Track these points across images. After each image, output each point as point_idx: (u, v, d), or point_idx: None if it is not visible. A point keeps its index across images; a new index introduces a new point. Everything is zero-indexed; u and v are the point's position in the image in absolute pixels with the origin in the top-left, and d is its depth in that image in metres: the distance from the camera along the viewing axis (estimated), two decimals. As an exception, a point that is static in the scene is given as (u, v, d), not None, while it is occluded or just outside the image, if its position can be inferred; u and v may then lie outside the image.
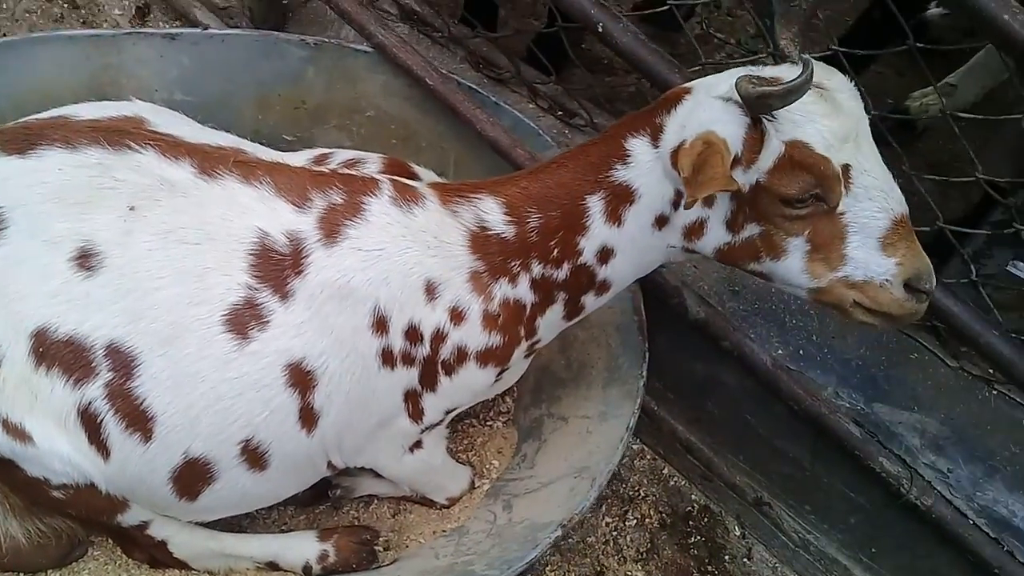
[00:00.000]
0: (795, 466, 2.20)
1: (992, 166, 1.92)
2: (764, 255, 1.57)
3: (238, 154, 1.66)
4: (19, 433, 1.50)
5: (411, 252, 1.62)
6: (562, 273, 1.69)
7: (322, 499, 2.04)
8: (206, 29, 2.16)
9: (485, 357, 1.71)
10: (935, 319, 1.99)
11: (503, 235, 1.65)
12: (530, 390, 2.21)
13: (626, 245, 1.66)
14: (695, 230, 1.61)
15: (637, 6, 3.04)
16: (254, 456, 1.63)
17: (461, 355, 1.69)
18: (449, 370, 1.71)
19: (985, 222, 2.20)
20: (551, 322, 1.78)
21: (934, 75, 1.97)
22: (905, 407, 2.07)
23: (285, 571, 1.88)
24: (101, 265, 1.52)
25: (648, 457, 2.40)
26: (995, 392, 2.03)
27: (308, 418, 1.63)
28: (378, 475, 1.96)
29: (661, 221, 1.62)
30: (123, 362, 1.52)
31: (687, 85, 1.59)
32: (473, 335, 1.68)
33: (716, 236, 1.60)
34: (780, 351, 2.11)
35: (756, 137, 1.47)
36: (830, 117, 1.45)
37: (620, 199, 1.62)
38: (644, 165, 1.59)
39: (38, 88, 1.93)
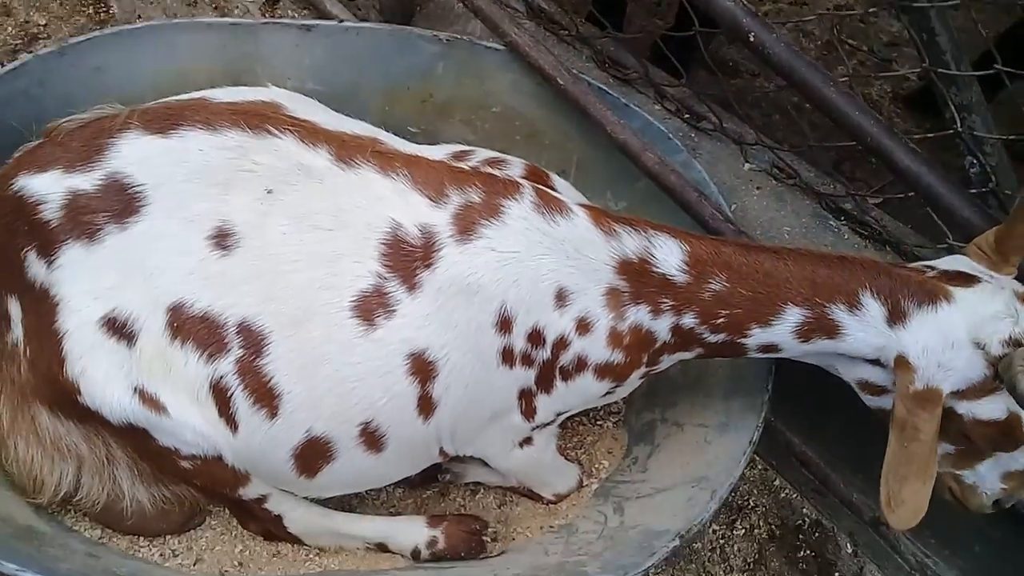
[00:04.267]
0: (918, 487, 2.11)
1: None
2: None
3: (375, 144, 1.68)
4: (154, 403, 1.56)
5: (547, 259, 1.61)
6: (713, 338, 1.66)
7: (431, 483, 2.06)
8: (341, 22, 2.20)
9: (603, 371, 1.70)
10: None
11: (669, 276, 1.62)
12: (643, 393, 2.17)
13: (796, 355, 1.67)
14: (872, 389, 1.66)
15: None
16: (372, 439, 1.66)
17: (580, 364, 1.68)
18: (566, 376, 1.70)
19: None
20: (676, 359, 1.76)
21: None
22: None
23: (393, 553, 1.90)
24: (237, 245, 1.57)
25: (759, 467, 2.34)
26: None
27: (426, 407, 1.65)
28: (487, 464, 1.97)
29: (842, 357, 1.63)
30: (254, 340, 1.57)
31: (951, 289, 1.54)
32: (595, 348, 1.66)
33: (888, 400, 1.61)
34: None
35: (986, 388, 1.51)
36: None
37: (822, 331, 1.60)
38: (868, 328, 1.57)
39: (177, 72, 1.99)
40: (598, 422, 2.22)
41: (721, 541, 2.22)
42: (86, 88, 1.84)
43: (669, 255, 1.62)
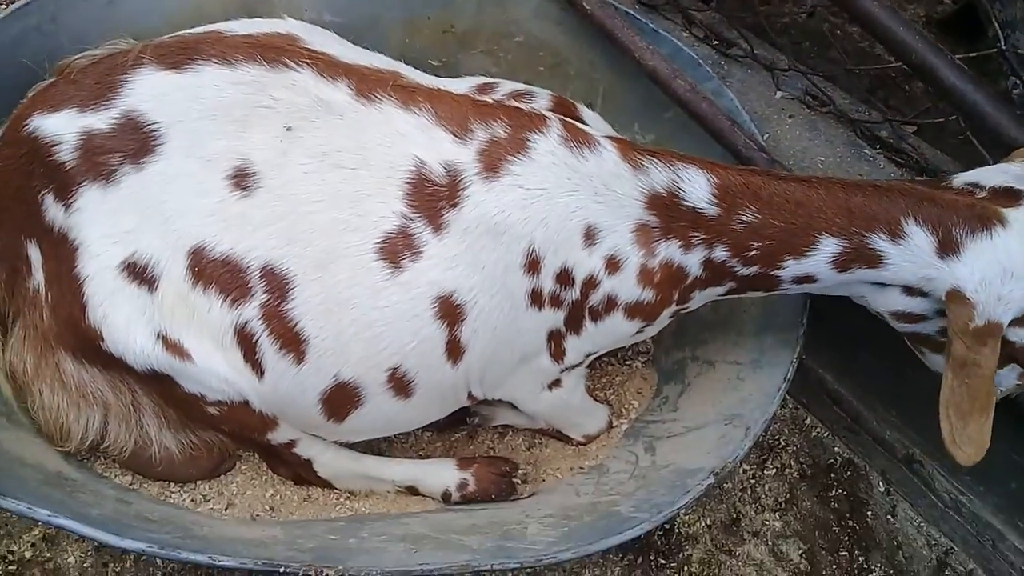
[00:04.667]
0: (954, 424, 2.07)
1: None
2: None
3: (396, 78, 1.62)
4: (178, 349, 1.53)
5: (575, 195, 1.56)
6: (746, 271, 1.61)
7: (460, 426, 2.05)
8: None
9: (633, 310, 1.65)
10: None
11: (699, 209, 1.56)
12: (672, 332, 2.13)
13: (833, 285, 1.61)
14: (908, 318, 1.59)
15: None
16: (400, 384, 1.63)
17: (610, 304, 1.64)
18: (596, 316, 1.66)
19: None
20: (707, 296, 1.71)
21: None
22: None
23: (424, 496, 1.89)
24: (257, 186, 1.52)
25: (790, 406, 2.31)
26: None
27: (454, 351, 1.61)
28: (516, 407, 1.94)
29: (882, 284, 1.57)
30: (278, 285, 1.53)
31: (1003, 212, 1.47)
32: (626, 287, 1.62)
33: (926, 326, 1.57)
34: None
35: None
36: None
37: (862, 260, 1.54)
38: (915, 259, 1.50)
39: (191, 5, 1.92)
40: (627, 362, 2.18)
41: (752, 481, 2.20)
42: (99, 23, 1.78)
43: (697, 187, 1.56)
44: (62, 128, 1.52)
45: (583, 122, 1.74)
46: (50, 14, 1.79)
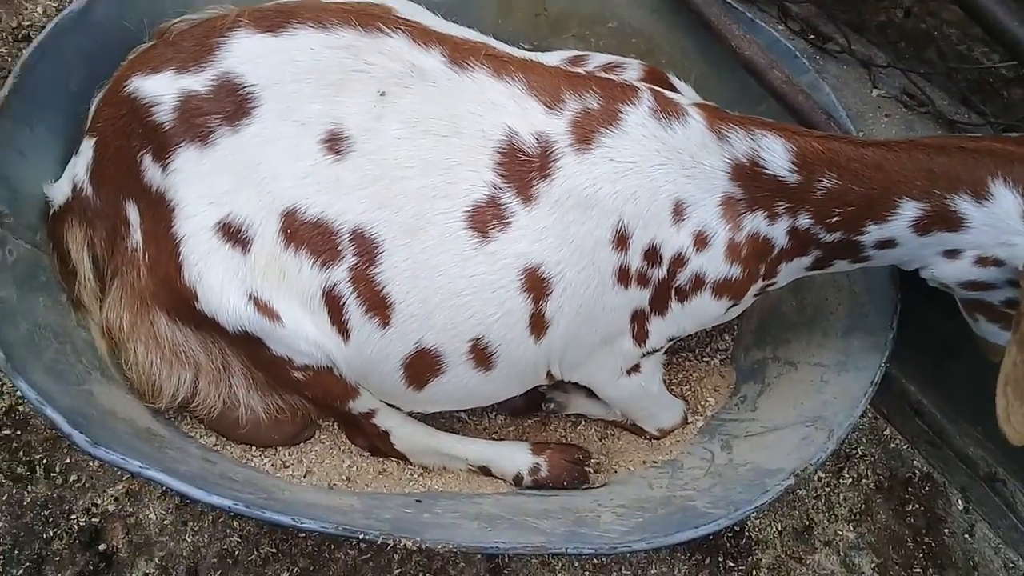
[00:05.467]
0: (1043, 443, 2.00)
1: None
2: None
3: (488, 48, 1.62)
4: (268, 311, 1.55)
5: (664, 169, 1.54)
6: (830, 237, 1.57)
7: (533, 411, 2.03)
8: (455, -73, 2.12)
9: (721, 288, 1.62)
10: None
11: (780, 177, 1.54)
12: (752, 330, 2.10)
13: (914, 249, 1.56)
14: (976, 286, 1.56)
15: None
16: (482, 355, 1.62)
17: (697, 282, 1.61)
18: (682, 296, 1.63)
19: None
20: (793, 270, 1.67)
21: None
22: None
23: (495, 478, 1.89)
24: (350, 150, 1.53)
25: (870, 415, 2.24)
26: None
27: (538, 325, 1.60)
28: (591, 395, 1.92)
29: (953, 255, 1.53)
30: (367, 248, 1.54)
31: None
32: (714, 263, 1.59)
33: (992, 295, 1.56)
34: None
35: None
36: None
37: (943, 223, 1.49)
38: (998, 222, 1.45)
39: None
40: (704, 359, 2.15)
41: (827, 489, 2.14)
42: (203, -12, 1.79)
43: (776, 155, 1.53)
44: (161, 89, 1.55)
45: (676, 91, 1.72)
46: (158, -22, 1.81)
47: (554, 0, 2.08)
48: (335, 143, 1.53)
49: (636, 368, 1.80)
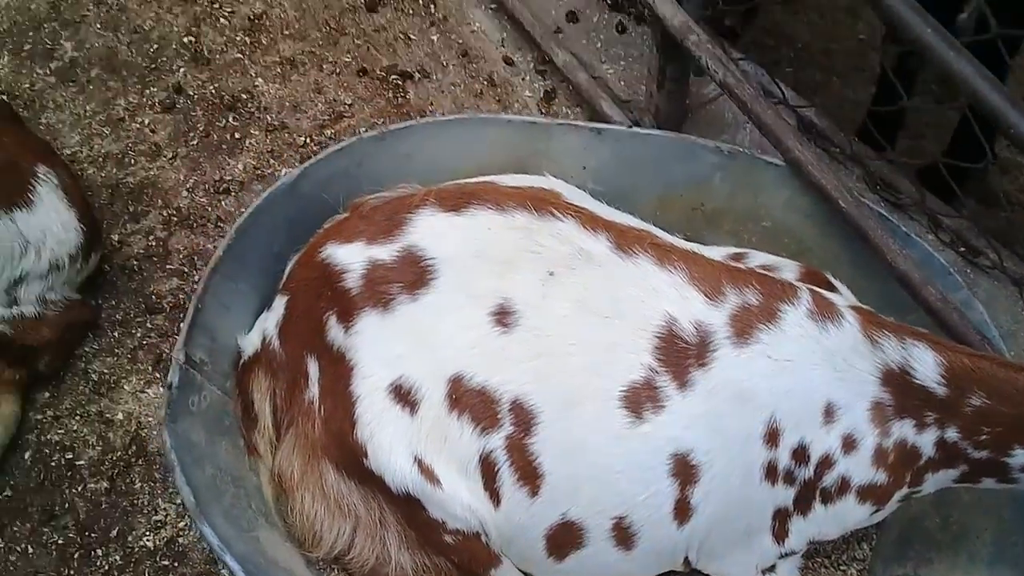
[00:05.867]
0: None
1: None
2: None
3: (653, 237, 1.72)
4: (430, 474, 1.62)
5: (819, 370, 1.58)
6: (978, 454, 1.58)
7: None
8: (630, 127, 2.27)
9: (866, 493, 1.62)
10: None
11: (929, 388, 1.56)
12: (893, 541, 2.04)
13: None
14: None
15: None
16: (624, 535, 1.64)
17: (843, 486, 1.62)
18: (827, 498, 1.63)
19: None
20: (940, 480, 1.66)
21: None
22: None
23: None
24: (517, 324, 1.63)
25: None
26: None
27: (683, 511, 1.62)
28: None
29: None
30: (525, 418, 1.61)
31: None
32: (860, 468, 1.60)
33: None
34: None
35: None
36: None
37: None
38: None
39: (474, 162, 2.10)
40: (841, 567, 2.07)
41: None
42: (395, 171, 1.98)
43: (927, 367, 1.56)
44: (352, 258, 1.70)
45: (834, 290, 1.76)
46: (357, 160, 2.02)
47: (712, 198, 2.19)
48: (503, 316, 1.64)
49: (772, 569, 1.78)
